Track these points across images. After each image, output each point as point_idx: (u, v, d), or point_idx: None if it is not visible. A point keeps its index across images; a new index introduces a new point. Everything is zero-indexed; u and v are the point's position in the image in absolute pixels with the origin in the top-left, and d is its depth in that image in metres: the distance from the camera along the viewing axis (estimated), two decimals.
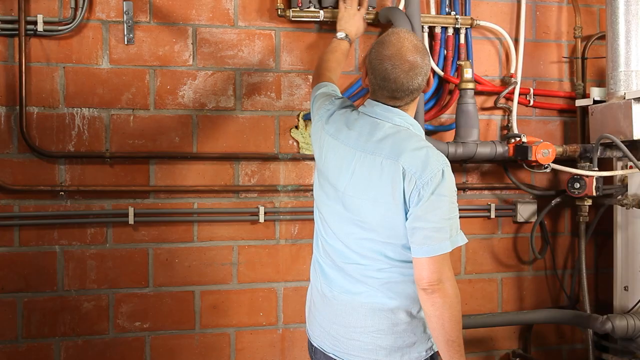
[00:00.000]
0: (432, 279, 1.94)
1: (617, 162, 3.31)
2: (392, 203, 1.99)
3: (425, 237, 1.94)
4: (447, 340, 1.95)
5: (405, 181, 1.96)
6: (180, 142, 3.08)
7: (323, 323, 2.20)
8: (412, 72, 2.04)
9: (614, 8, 3.17)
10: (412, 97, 2.10)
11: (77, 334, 2.99)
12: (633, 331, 2.95)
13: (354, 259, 2.10)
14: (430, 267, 1.94)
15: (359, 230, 2.07)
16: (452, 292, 1.95)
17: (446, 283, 1.94)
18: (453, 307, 1.95)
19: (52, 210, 2.95)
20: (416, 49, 2.06)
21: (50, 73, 2.94)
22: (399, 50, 2.05)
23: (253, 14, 3.15)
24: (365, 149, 2.06)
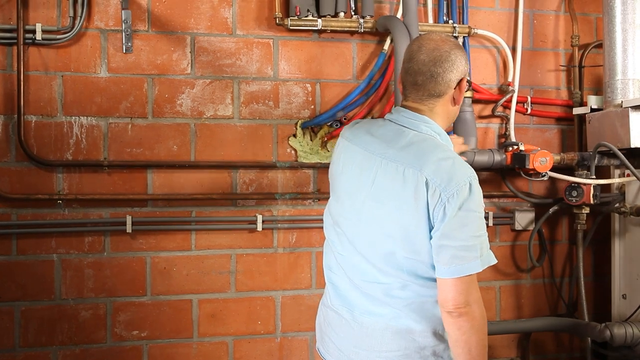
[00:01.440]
0: (459, 301, 1.81)
1: (615, 170, 3.32)
2: (414, 215, 1.85)
3: (453, 257, 1.81)
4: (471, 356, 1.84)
5: (429, 193, 1.82)
6: (178, 150, 3.08)
7: (342, 347, 2.06)
8: (438, 54, 1.93)
9: (611, 17, 3.18)
10: (437, 91, 1.95)
11: (74, 342, 2.99)
12: (631, 339, 2.95)
13: (374, 276, 1.96)
14: (456, 289, 1.81)
15: (381, 243, 1.92)
16: (479, 315, 1.83)
17: (473, 305, 1.82)
18: (480, 331, 1.84)
19: (49, 218, 2.95)
20: (449, 40, 1.97)
21: (48, 81, 2.95)
22: (428, 37, 1.98)
23: (251, 22, 3.16)
24: (387, 156, 1.92)
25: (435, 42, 1.97)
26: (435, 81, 1.95)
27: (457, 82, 1.97)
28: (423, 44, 1.97)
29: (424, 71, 1.94)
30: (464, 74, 1.99)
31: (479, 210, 1.84)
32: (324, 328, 2.15)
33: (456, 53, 1.96)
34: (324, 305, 2.19)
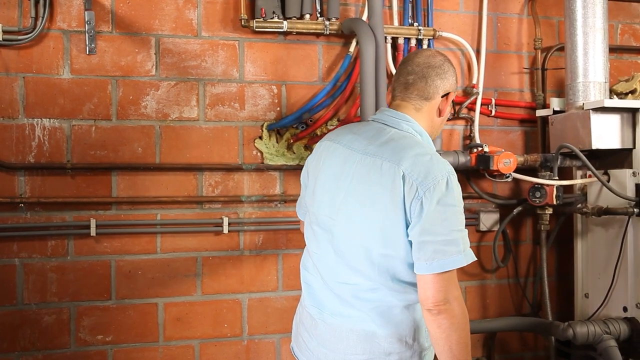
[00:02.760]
0: (438, 298, 1.80)
1: (577, 171, 3.37)
2: (390, 210, 1.84)
3: (435, 252, 1.79)
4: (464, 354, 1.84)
5: (405, 187, 1.82)
6: (143, 152, 3.05)
7: (312, 347, 2.07)
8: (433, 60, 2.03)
9: (572, 20, 3.23)
10: (425, 93, 2.01)
11: (37, 348, 2.94)
12: (594, 337, 2.99)
13: (345, 276, 1.95)
14: (436, 286, 1.80)
15: (357, 238, 1.92)
16: (459, 312, 1.83)
17: (453, 303, 1.81)
18: (461, 329, 1.84)
19: (11, 222, 2.91)
20: (442, 55, 2.07)
21: (9, 83, 2.90)
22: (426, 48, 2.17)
23: (217, 24, 3.14)
24: (367, 152, 1.94)
25: (431, 51, 2.10)
26: (426, 82, 2.01)
27: (444, 92, 2.04)
28: (420, 51, 2.10)
29: (417, 71, 2.02)
30: (452, 88, 2.06)
31: (458, 205, 1.85)
32: (299, 327, 2.16)
33: (449, 66, 2.06)
34: (300, 305, 2.19)
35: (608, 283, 3.14)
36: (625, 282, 3.09)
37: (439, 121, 2.07)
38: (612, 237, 3.16)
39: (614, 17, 3.71)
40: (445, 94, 2.04)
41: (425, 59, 2.04)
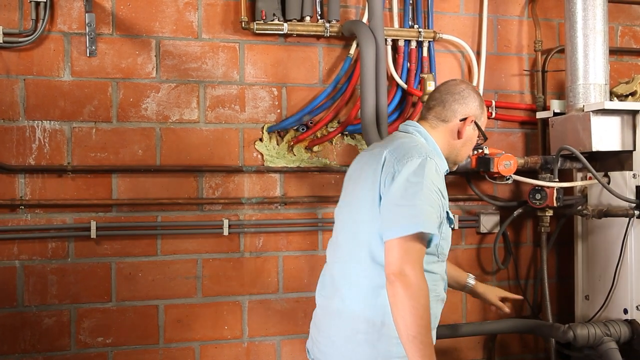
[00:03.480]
0: (395, 266, 1.89)
1: (577, 173, 3.37)
2: (371, 187, 2.05)
3: (395, 216, 1.93)
4: (408, 336, 1.87)
5: (385, 166, 2.03)
6: (143, 155, 3.05)
7: (312, 333, 2.24)
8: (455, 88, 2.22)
9: (573, 22, 3.23)
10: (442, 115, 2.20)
11: (37, 350, 2.94)
12: (594, 340, 2.99)
13: (340, 255, 2.16)
14: (394, 253, 1.90)
15: (348, 216, 2.16)
16: (415, 283, 1.88)
17: (410, 273, 1.88)
18: (415, 300, 1.87)
19: (11, 224, 2.90)
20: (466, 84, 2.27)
21: (10, 85, 2.90)
22: (450, 80, 2.30)
23: (217, 26, 3.15)
24: (372, 148, 2.25)
25: (456, 81, 2.30)
26: (443, 106, 2.22)
27: (463, 116, 2.21)
28: (446, 81, 2.31)
29: (437, 97, 2.24)
30: (473, 113, 2.22)
31: (428, 183, 1.96)
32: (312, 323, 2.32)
33: (470, 92, 2.23)
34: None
35: (608, 285, 3.14)
36: (626, 284, 3.09)
37: (458, 143, 2.24)
38: (612, 239, 3.15)
39: (614, 19, 3.71)
40: (463, 118, 2.21)
41: (447, 87, 2.26)
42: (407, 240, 1.91)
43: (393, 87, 3.33)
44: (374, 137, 2.94)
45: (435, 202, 1.99)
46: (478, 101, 2.25)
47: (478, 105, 2.24)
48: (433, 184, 1.99)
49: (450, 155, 2.24)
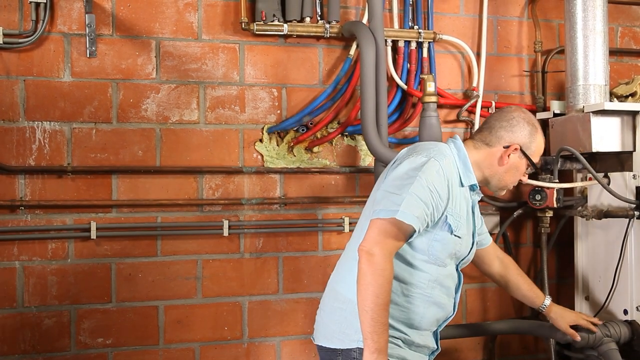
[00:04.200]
0: (366, 243, 1.99)
1: (577, 174, 3.37)
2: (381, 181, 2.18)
3: (383, 199, 2.04)
4: (363, 309, 1.97)
5: (395, 162, 2.17)
6: (143, 155, 3.05)
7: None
8: (506, 115, 2.25)
9: (573, 23, 3.23)
10: (486, 139, 2.24)
11: (37, 351, 2.94)
12: (594, 340, 2.98)
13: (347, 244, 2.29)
14: (371, 232, 2.01)
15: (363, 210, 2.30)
16: (379, 263, 1.97)
17: (377, 253, 1.97)
18: (374, 278, 1.96)
19: (11, 225, 2.90)
20: (521, 112, 2.28)
21: (10, 86, 2.90)
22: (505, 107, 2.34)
23: (217, 27, 3.15)
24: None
25: (512, 108, 2.31)
26: (489, 131, 2.25)
27: (507, 143, 2.22)
28: (504, 107, 2.35)
29: (488, 121, 2.29)
30: (518, 142, 2.22)
31: (426, 179, 2.03)
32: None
33: (520, 121, 2.23)
34: None
35: (608, 286, 3.14)
36: (626, 284, 3.09)
37: (500, 170, 2.25)
38: (612, 239, 3.15)
39: (614, 19, 3.71)
40: (507, 146, 2.21)
41: (501, 113, 2.29)
42: (385, 224, 2.00)
43: (393, 88, 3.33)
44: (374, 138, 2.94)
45: (427, 199, 2.03)
46: (527, 130, 2.24)
47: (527, 134, 2.24)
48: (430, 183, 2.04)
49: (492, 179, 2.28)
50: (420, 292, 2.15)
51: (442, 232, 2.13)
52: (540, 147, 2.29)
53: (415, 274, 2.14)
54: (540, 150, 2.30)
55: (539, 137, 2.28)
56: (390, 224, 2.00)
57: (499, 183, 2.29)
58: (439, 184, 2.07)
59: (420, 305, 2.16)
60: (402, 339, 2.16)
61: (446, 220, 2.12)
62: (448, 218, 2.12)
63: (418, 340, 2.20)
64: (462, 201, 2.19)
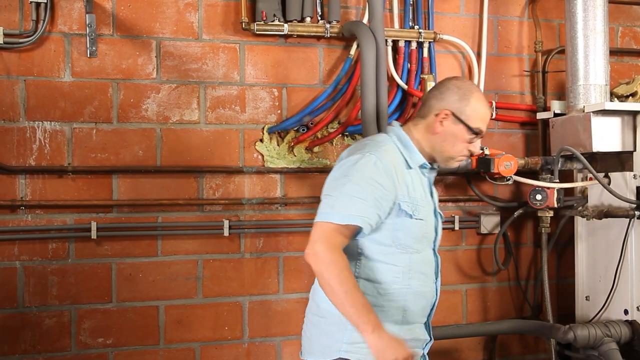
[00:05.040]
0: (308, 246, 2.00)
1: (578, 174, 3.37)
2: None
3: (321, 204, 2.07)
4: (337, 303, 1.97)
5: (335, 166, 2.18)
6: (143, 155, 3.05)
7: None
8: (438, 85, 2.24)
9: (573, 23, 3.23)
10: (421, 112, 2.23)
11: (38, 351, 2.94)
12: (594, 340, 2.99)
13: None
14: (312, 236, 2.01)
15: None
16: (325, 257, 1.96)
17: (319, 250, 1.97)
18: (328, 272, 1.96)
19: (12, 225, 2.90)
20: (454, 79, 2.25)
21: (10, 86, 2.90)
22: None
23: (217, 27, 3.15)
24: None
25: (447, 78, 2.27)
26: (423, 104, 2.24)
27: (437, 111, 2.17)
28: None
29: (423, 96, 2.31)
30: (449, 107, 2.16)
31: (357, 179, 2.03)
32: None
33: (451, 87, 2.19)
34: None
35: (609, 286, 3.14)
36: (627, 284, 3.09)
37: (437, 140, 2.20)
38: (613, 239, 3.15)
39: (615, 19, 3.71)
40: (437, 113, 2.17)
41: (434, 86, 2.28)
42: (323, 227, 2.01)
43: (393, 88, 3.33)
44: None
45: (365, 194, 2.02)
46: (458, 95, 2.16)
47: (457, 99, 2.16)
48: (367, 177, 2.04)
49: (434, 151, 2.21)
50: (397, 286, 2.12)
51: (402, 220, 2.10)
52: (477, 111, 2.17)
53: (387, 270, 2.11)
54: (478, 115, 2.18)
55: (474, 101, 2.17)
56: (328, 226, 2.00)
57: (442, 154, 2.21)
58: (378, 175, 2.05)
59: (402, 300, 2.14)
60: None
61: (400, 207, 2.09)
62: (402, 205, 2.09)
63: (408, 335, 2.15)
64: (416, 183, 2.15)
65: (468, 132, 2.17)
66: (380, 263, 2.12)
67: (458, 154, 2.21)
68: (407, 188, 2.11)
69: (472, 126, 2.17)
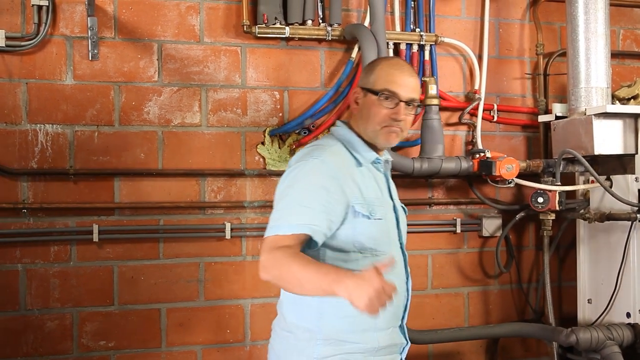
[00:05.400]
0: (260, 257, 1.88)
1: (580, 177, 3.37)
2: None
3: (270, 216, 1.96)
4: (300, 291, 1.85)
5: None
6: (145, 158, 3.06)
7: None
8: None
9: (574, 26, 3.23)
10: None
11: (40, 354, 2.94)
12: (597, 343, 2.99)
13: None
14: (260, 252, 1.90)
15: None
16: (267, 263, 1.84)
17: (262, 258, 1.86)
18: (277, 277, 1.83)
19: (14, 228, 2.91)
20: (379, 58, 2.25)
21: (12, 89, 2.91)
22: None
23: (219, 30, 3.15)
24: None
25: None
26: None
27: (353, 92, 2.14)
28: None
29: None
30: (362, 83, 2.10)
31: (300, 187, 1.94)
32: None
33: (368, 64, 2.17)
34: None
35: (611, 289, 3.13)
36: (629, 287, 3.08)
37: (359, 121, 2.10)
38: (615, 242, 3.15)
39: (616, 22, 3.71)
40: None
41: None
42: (268, 239, 1.90)
43: None
44: None
45: (315, 201, 1.91)
46: (365, 71, 2.12)
47: (364, 74, 2.11)
48: (314, 183, 1.93)
49: (366, 135, 2.09)
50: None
51: (360, 222, 1.99)
52: (382, 75, 2.06)
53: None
54: (383, 78, 2.05)
55: (379, 68, 2.08)
56: (273, 239, 1.88)
57: (368, 132, 2.07)
58: (324, 180, 1.94)
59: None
60: (361, 351, 1.99)
61: (355, 210, 1.98)
62: (356, 207, 1.98)
63: (383, 342, 2.03)
64: (369, 181, 2.05)
65: (378, 98, 2.04)
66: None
67: (379, 124, 2.05)
68: (359, 188, 2.00)
69: (378, 89, 2.04)
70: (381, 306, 1.66)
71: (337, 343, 1.98)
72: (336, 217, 1.94)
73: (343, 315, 1.95)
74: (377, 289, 1.64)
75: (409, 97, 2.05)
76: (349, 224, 1.97)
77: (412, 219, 3.39)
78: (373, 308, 1.65)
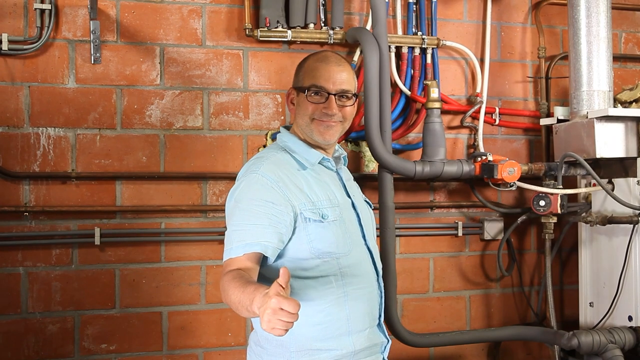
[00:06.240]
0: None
1: (581, 180, 3.37)
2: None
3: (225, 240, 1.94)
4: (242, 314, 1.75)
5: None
6: (147, 161, 3.06)
7: None
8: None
9: (576, 29, 3.23)
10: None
11: (41, 357, 2.94)
12: (599, 347, 2.98)
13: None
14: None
15: None
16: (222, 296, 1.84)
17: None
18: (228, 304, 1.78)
19: (16, 231, 2.91)
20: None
21: (14, 92, 2.91)
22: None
23: (221, 33, 3.16)
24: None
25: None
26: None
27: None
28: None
29: None
30: (292, 83, 2.13)
31: (241, 207, 1.91)
32: None
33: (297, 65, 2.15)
34: None
35: (613, 292, 3.13)
36: (631, 291, 3.08)
37: (297, 119, 2.08)
38: (617, 245, 3.15)
39: (618, 25, 3.71)
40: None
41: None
42: (224, 263, 1.89)
43: (397, 94, 3.33)
44: (377, 144, 2.94)
45: (260, 216, 1.88)
46: (295, 71, 2.13)
47: (294, 75, 2.12)
48: (257, 198, 1.90)
49: (304, 133, 2.06)
50: (331, 298, 1.94)
51: (313, 227, 1.94)
52: (308, 69, 2.07)
53: (317, 284, 1.94)
54: (310, 74, 2.05)
55: (306, 65, 2.09)
56: (228, 262, 1.87)
57: (307, 130, 2.05)
58: (265, 193, 1.90)
59: (340, 310, 1.95)
60: (337, 357, 1.95)
61: (304, 216, 1.93)
62: (305, 214, 1.93)
63: (360, 345, 1.98)
64: (317, 183, 2.00)
65: (308, 94, 2.02)
66: (307, 280, 1.93)
67: (316, 117, 2.03)
68: (305, 193, 1.96)
69: (306, 86, 2.04)
70: (284, 326, 1.52)
71: (311, 353, 1.93)
72: (286, 229, 1.90)
73: (313, 323, 1.92)
74: (273, 308, 1.51)
75: (339, 90, 2.03)
76: (302, 232, 1.93)
77: (413, 222, 3.42)
78: (274, 330, 1.53)
